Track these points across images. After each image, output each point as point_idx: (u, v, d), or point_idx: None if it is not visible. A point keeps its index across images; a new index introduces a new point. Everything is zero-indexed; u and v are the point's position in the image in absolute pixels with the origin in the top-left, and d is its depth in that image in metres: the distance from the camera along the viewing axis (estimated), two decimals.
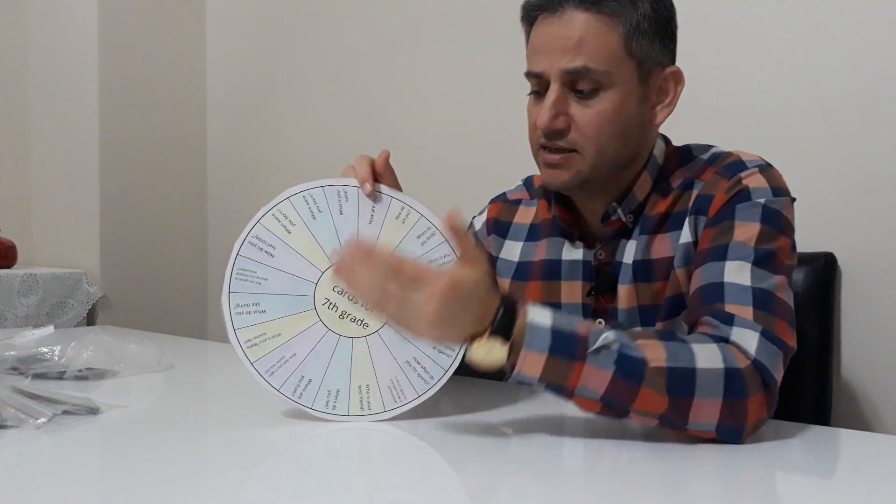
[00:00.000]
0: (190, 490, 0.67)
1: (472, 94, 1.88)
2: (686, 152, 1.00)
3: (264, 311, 0.85)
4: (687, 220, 0.93)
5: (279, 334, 0.85)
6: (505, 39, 0.98)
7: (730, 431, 0.77)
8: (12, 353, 1.15)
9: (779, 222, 0.89)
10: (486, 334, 0.77)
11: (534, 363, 0.76)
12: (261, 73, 2.39)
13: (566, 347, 0.76)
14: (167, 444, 0.81)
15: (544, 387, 0.78)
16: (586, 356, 0.76)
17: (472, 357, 0.77)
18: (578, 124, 0.90)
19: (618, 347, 0.76)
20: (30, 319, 2.09)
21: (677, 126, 1.06)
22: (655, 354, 0.77)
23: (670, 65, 0.95)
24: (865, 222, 1.32)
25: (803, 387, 1.20)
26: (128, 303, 2.33)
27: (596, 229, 1.00)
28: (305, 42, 2.26)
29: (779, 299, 0.84)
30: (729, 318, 0.81)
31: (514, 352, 0.76)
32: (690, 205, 0.94)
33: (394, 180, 0.92)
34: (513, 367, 0.76)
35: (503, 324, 0.77)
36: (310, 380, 0.84)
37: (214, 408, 1.05)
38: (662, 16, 0.92)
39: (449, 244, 0.88)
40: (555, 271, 1.03)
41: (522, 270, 1.06)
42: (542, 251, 1.05)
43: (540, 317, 0.77)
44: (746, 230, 0.87)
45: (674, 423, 0.77)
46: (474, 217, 1.18)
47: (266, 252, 0.87)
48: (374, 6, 2.09)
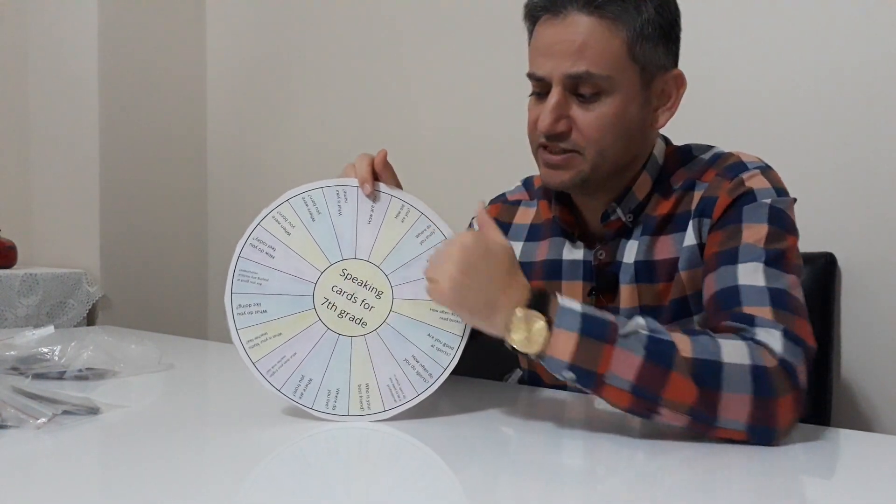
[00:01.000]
0: (190, 490, 0.67)
1: (472, 93, 1.88)
2: (686, 152, 1.00)
3: (265, 311, 0.87)
4: (691, 222, 0.93)
5: (280, 334, 0.86)
6: (505, 39, 0.98)
7: (761, 432, 0.76)
8: (12, 353, 1.15)
9: (785, 222, 0.89)
10: (524, 308, 0.77)
11: (565, 344, 0.76)
12: (261, 73, 2.39)
13: (597, 329, 0.77)
14: (167, 444, 0.81)
15: (574, 378, 0.77)
16: (616, 339, 0.76)
17: (513, 332, 0.77)
18: (580, 127, 0.90)
19: (647, 333, 0.77)
20: (30, 319, 2.09)
21: (678, 126, 1.06)
22: (683, 345, 0.77)
23: (673, 68, 0.95)
24: (865, 222, 1.32)
25: None
26: (128, 303, 2.33)
27: (596, 229, 1.00)
28: (305, 41, 2.26)
29: (794, 298, 0.84)
30: (750, 320, 0.81)
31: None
32: (694, 207, 0.94)
33: (393, 178, 0.93)
34: (539, 356, 0.77)
35: (537, 303, 0.78)
36: (310, 379, 0.85)
37: (214, 408, 1.04)
38: (667, 20, 0.92)
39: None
40: (555, 271, 1.03)
41: (524, 270, 1.06)
42: (542, 251, 1.05)
43: (570, 302, 0.79)
44: (755, 231, 0.87)
45: (704, 418, 0.76)
46: (474, 218, 1.18)
47: (266, 254, 0.88)
48: (373, 6, 2.09)
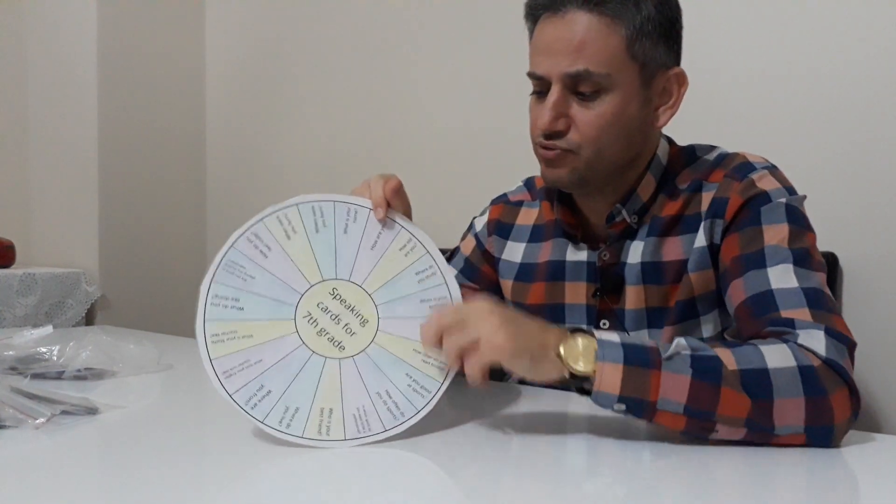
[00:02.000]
0: (189, 490, 0.67)
1: (472, 93, 1.88)
2: (690, 153, 1.00)
3: (242, 309, 0.82)
4: (702, 224, 0.92)
5: (250, 335, 0.81)
6: (506, 39, 0.98)
7: (819, 432, 0.75)
8: (11, 352, 1.14)
9: (803, 219, 0.89)
10: (567, 334, 0.76)
11: (612, 376, 0.74)
12: (260, 73, 2.39)
13: (640, 357, 0.75)
14: (166, 444, 0.80)
15: (624, 408, 0.75)
16: (661, 363, 0.75)
17: (567, 357, 0.75)
18: (579, 125, 0.90)
19: (689, 352, 0.75)
20: (28, 319, 2.08)
21: (680, 126, 1.06)
22: (726, 358, 0.75)
23: (674, 66, 0.94)
24: (866, 222, 1.32)
25: None
26: (127, 303, 2.33)
27: (599, 230, 1.00)
28: (305, 41, 2.26)
29: (827, 296, 0.83)
30: (790, 324, 0.80)
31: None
32: (705, 208, 0.93)
33: (404, 206, 0.89)
34: (587, 391, 0.76)
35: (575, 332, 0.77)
36: (269, 391, 0.79)
37: (213, 408, 1.04)
38: (667, 17, 0.91)
39: (447, 286, 0.85)
40: (559, 272, 1.02)
41: (526, 272, 1.06)
42: (545, 252, 1.05)
43: (607, 335, 0.77)
44: (776, 232, 0.87)
45: (761, 429, 0.75)
46: (475, 218, 1.18)
47: (261, 251, 0.84)
48: (374, 7, 2.09)
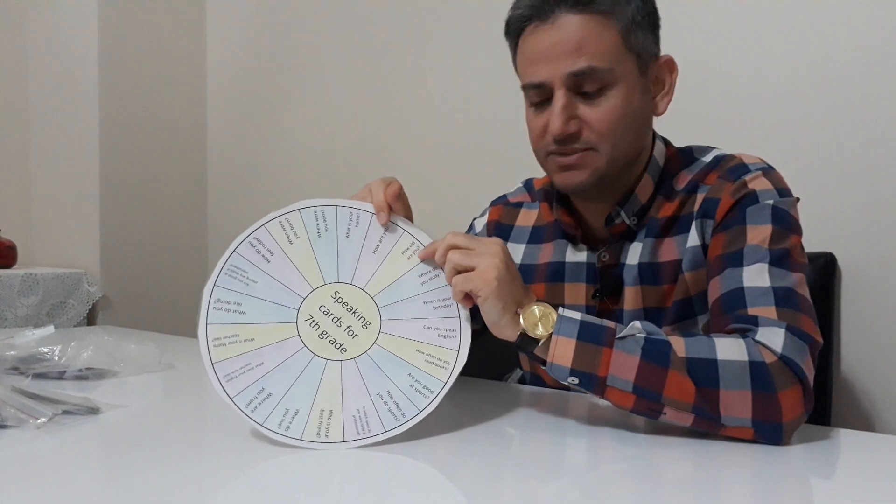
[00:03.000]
0: (190, 490, 0.67)
1: (473, 94, 1.88)
2: (688, 154, 1.00)
3: (244, 313, 0.83)
4: (694, 223, 0.93)
5: (252, 339, 0.82)
6: (506, 41, 0.97)
7: (767, 427, 0.77)
8: (12, 352, 1.15)
9: (788, 222, 0.89)
10: (532, 303, 0.82)
11: (565, 350, 0.79)
12: (261, 74, 2.39)
13: (594, 334, 0.80)
14: (167, 444, 0.81)
15: (577, 382, 0.80)
16: (614, 342, 0.79)
17: (526, 319, 0.81)
18: (590, 124, 0.90)
19: (644, 335, 0.79)
20: (30, 319, 2.09)
21: (678, 126, 1.06)
22: (677, 345, 0.79)
23: (661, 54, 0.96)
24: (865, 222, 1.32)
25: None
26: (128, 303, 2.33)
27: (599, 231, 1.00)
28: (305, 42, 2.26)
29: (799, 295, 0.84)
30: (753, 321, 0.81)
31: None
32: (696, 208, 0.94)
33: (405, 210, 0.90)
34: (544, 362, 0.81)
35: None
36: (269, 394, 0.80)
37: (214, 408, 1.04)
38: (650, 7, 0.93)
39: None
40: (558, 274, 1.03)
41: (526, 273, 1.06)
42: (545, 254, 1.05)
43: (570, 312, 0.82)
44: (759, 233, 0.87)
45: (708, 416, 0.77)
46: (475, 219, 1.18)
47: (263, 256, 0.85)
48: (374, 7, 2.09)
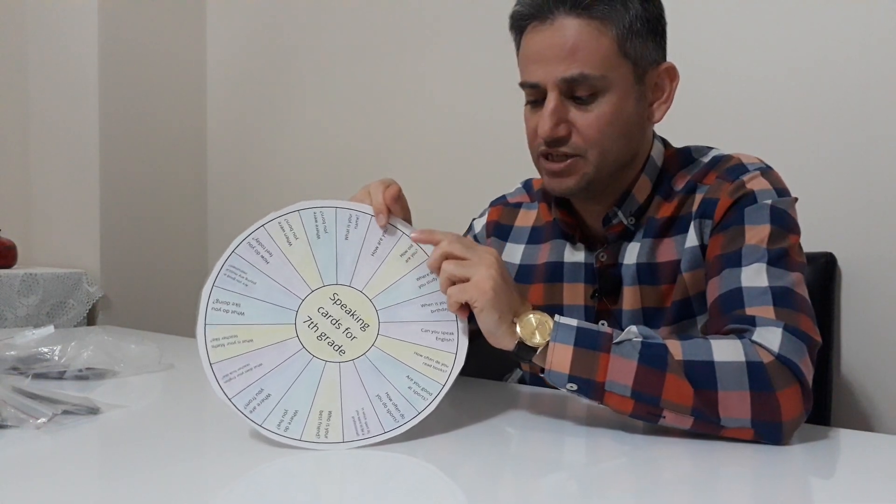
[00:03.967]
0: (190, 490, 0.67)
1: (472, 95, 1.88)
2: (686, 154, 1.00)
3: (243, 314, 0.83)
4: (692, 223, 0.93)
5: (251, 340, 0.82)
6: (507, 40, 0.98)
7: (767, 427, 0.77)
8: (12, 353, 1.15)
9: (787, 221, 0.89)
10: (528, 312, 0.82)
11: (562, 356, 0.79)
12: (261, 74, 2.39)
13: (591, 340, 0.80)
14: (167, 443, 0.81)
15: (576, 388, 0.80)
16: (611, 347, 0.79)
17: (522, 328, 0.81)
18: (580, 129, 0.90)
19: (640, 339, 0.79)
20: (30, 319, 2.09)
21: (677, 127, 1.06)
22: (674, 348, 0.79)
23: (663, 61, 0.95)
24: (865, 222, 1.32)
25: None
26: (128, 303, 2.33)
27: (597, 231, 1.00)
28: (305, 42, 2.26)
29: (797, 295, 0.84)
30: (751, 321, 0.81)
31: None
32: (695, 209, 0.94)
33: (403, 212, 0.90)
34: (542, 373, 0.81)
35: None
36: (268, 395, 0.80)
37: (214, 408, 1.04)
38: (653, 14, 0.92)
39: None
40: (557, 274, 1.03)
41: (525, 273, 1.06)
42: (544, 254, 1.05)
43: (566, 319, 0.82)
44: (757, 233, 0.87)
45: (707, 419, 0.77)
46: (474, 219, 1.18)
47: (262, 257, 0.85)
48: (374, 7, 2.09)
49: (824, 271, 1.29)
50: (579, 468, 0.76)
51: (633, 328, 0.81)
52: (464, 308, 0.82)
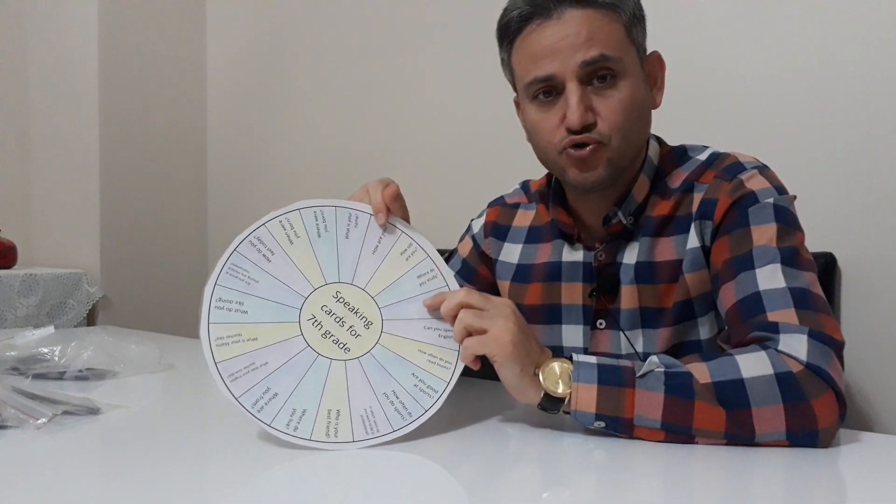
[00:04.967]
0: (191, 491, 0.67)
1: (471, 96, 1.88)
2: (682, 152, 1.00)
3: (246, 312, 0.83)
4: (693, 224, 0.93)
5: (255, 338, 0.81)
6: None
7: (802, 437, 0.76)
8: (12, 353, 1.15)
9: (791, 219, 0.89)
10: (550, 360, 0.81)
11: (587, 396, 0.77)
12: (261, 74, 2.39)
13: (614, 376, 0.78)
14: (168, 444, 0.81)
15: (604, 426, 0.78)
16: (635, 381, 0.77)
17: (546, 379, 0.79)
18: (603, 115, 0.90)
19: (663, 369, 0.78)
20: (30, 320, 2.09)
21: (676, 126, 1.06)
22: (700, 372, 0.77)
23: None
24: (865, 222, 1.32)
25: None
26: (128, 303, 2.33)
27: (595, 231, 1.00)
28: (305, 42, 2.26)
29: (815, 295, 0.83)
30: (774, 328, 0.80)
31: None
32: (695, 209, 0.93)
33: (402, 211, 0.90)
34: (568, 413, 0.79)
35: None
36: (275, 393, 0.79)
37: (215, 408, 1.04)
38: (641, 4, 0.94)
39: (449, 288, 0.87)
40: (555, 273, 1.02)
41: (523, 273, 1.06)
42: (542, 254, 1.05)
43: (585, 357, 0.80)
44: (764, 232, 0.87)
45: (741, 438, 0.76)
46: (473, 220, 1.18)
47: (264, 255, 0.85)
48: (373, 8, 2.09)
49: (824, 271, 1.29)
50: (580, 468, 0.76)
51: (655, 358, 0.79)
52: (477, 360, 0.82)
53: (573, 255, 1.01)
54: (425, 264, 0.87)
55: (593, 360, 0.80)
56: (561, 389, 0.79)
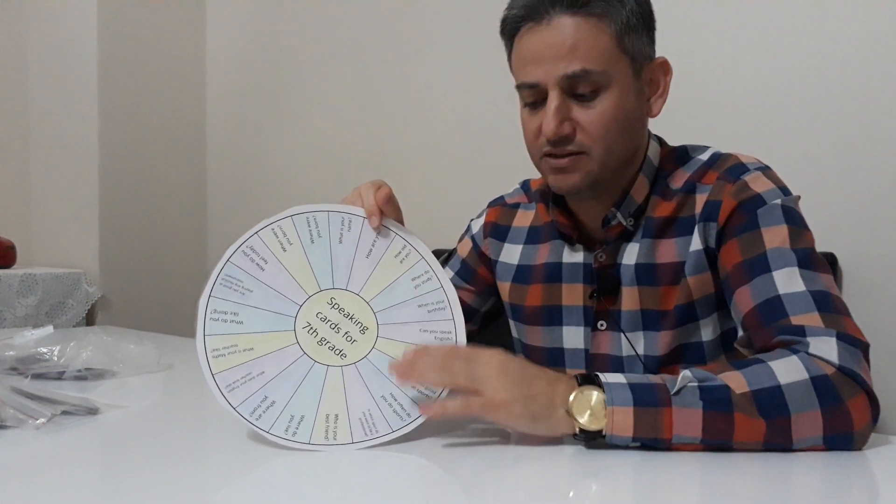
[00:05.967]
0: (190, 490, 0.67)
1: (472, 96, 1.88)
2: (682, 153, 1.00)
3: (241, 323, 0.82)
4: (696, 227, 0.92)
5: (251, 349, 0.81)
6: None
7: (839, 440, 0.75)
8: (12, 353, 1.15)
9: (799, 219, 0.89)
10: (576, 387, 0.75)
11: (624, 420, 0.74)
12: (261, 74, 2.39)
13: (649, 396, 0.74)
14: (166, 444, 0.81)
15: (639, 445, 0.75)
16: (671, 400, 0.74)
17: (577, 415, 0.74)
18: (584, 126, 0.89)
19: (697, 383, 0.75)
20: (29, 319, 2.09)
21: (677, 126, 1.06)
22: (736, 382, 0.75)
23: (655, 56, 0.95)
24: (865, 222, 1.32)
25: None
26: (127, 303, 2.33)
27: (595, 232, 1.00)
28: (305, 42, 2.26)
29: (836, 297, 0.83)
30: (800, 331, 0.79)
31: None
32: (699, 211, 0.93)
33: (395, 213, 0.90)
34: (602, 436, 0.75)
35: (584, 383, 0.76)
36: (273, 401, 0.79)
37: (213, 408, 1.04)
38: (646, 9, 0.92)
39: (444, 290, 0.86)
40: (555, 274, 1.02)
41: (523, 273, 1.06)
42: (542, 254, 1.05)
43: (613, 377, 0.76)
44: (776, 234, 0.86)
45: (779, 447, 0.75)
46: (472, 220, 1.18)
47: (257, 265, 0.84)
48: (373, 7, 2.09)
49: None
50: (580, 468, 0.76)
51: (688, 373, 0.76)
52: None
53: (573, 256, 1.01)
54: (420, 266, 0.87)
55: (623, 379, 0.76)
56: (595, 426, 0.74)
